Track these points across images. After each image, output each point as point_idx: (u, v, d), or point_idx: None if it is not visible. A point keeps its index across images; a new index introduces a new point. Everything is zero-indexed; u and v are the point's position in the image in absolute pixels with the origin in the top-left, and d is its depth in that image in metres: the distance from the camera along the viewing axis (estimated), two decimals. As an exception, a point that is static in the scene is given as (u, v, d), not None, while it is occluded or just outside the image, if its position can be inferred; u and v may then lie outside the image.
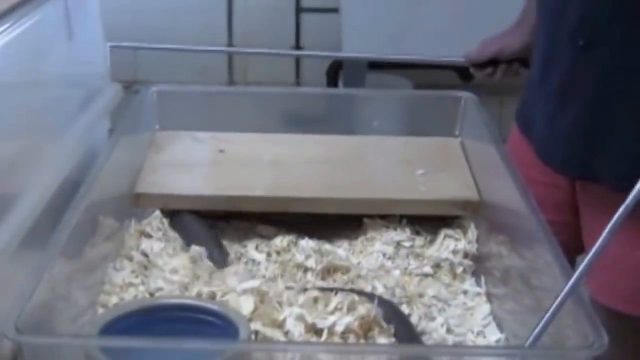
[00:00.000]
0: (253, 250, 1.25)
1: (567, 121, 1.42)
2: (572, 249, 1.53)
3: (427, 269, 1.21)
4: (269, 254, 1.24)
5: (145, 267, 1.17)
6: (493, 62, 1.67)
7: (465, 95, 1.48)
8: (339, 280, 1.16)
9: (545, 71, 1.46)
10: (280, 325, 1.01)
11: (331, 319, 1.00)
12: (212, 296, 1.10)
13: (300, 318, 1.01)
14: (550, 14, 1.45)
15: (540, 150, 1.50)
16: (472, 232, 1.25)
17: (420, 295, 1.15)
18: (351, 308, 1.02)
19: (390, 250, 1.24)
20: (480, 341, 1.08)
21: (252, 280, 1.11)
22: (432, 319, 1.11)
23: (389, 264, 1.22)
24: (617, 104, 1.37)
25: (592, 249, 0.93)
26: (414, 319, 1.08)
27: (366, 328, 1.00)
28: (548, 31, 1.46)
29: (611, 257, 1.41)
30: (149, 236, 1.23)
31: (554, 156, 1.47)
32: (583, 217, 1.49)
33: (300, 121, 1.54)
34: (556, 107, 1.44)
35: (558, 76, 1.42)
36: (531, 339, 0.89)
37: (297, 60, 3.39)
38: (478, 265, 1.23)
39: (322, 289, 1.10)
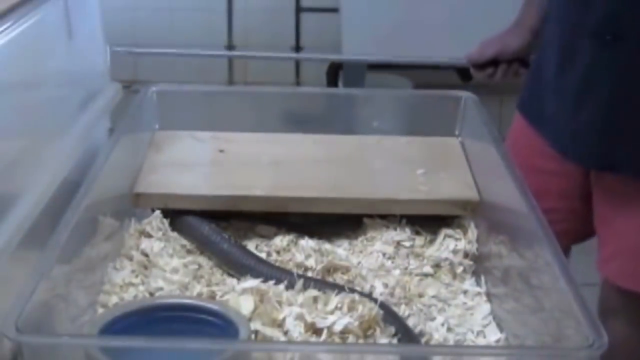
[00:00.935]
0: (253, 250, 1.25)
1: (589, 113, 1.45)
2: (576, 235, 1.57)
3: (427, 269, 1.21)
4: (269, 254, 1.24)
5: (145, 267, 1.17)
6: (493, 63, 1.69)
7: (465, 95, 1.48)
8: (339, 280, 1.16)
9: (564, 65, 1.48)
10: (280, 324, 1.01)
11: (331, 318, 1.00)
12: (212, 296, 1.10)
13: (299, 317, 1.01)
14: (569, 8, 1.47)
15: (556, 142, 1.52)
16: (472, 232, 1.25)
17: (420, 295, 1.15)
18: (351, 308, 1.02)
19: (390, 250, 1.24)
20: (480, 341, 1.08)
21: (251, 280, 1.11)
22: (432, 318, 1.11)
23: (389, 263, 1.22)
24: None
25: None
26: (414, 319, 1.08)
27: (366, 328, 1.00)
28: (566, 25, 1.48)
29: (631, 243, 1.46)
30: (149, 236, 1.23)
31: (572, 148, 1.50)
32: (597, 205, 1.52)
33: (300, 121, 1.54)
34: (576, 100, 1.46)
35: (579, 70, 1.44)
36: None
37: (297, 60, 3.39)
38: (478, 265, 1.23)
39: (322, 282, 1.11)
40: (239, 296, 1.07)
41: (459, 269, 1.21)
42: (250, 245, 1.26)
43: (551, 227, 1.03)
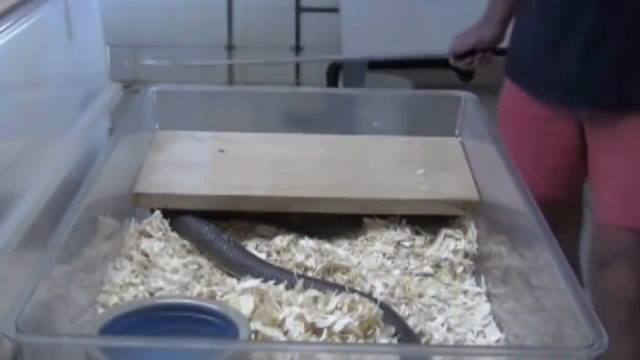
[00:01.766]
0: (253, 250, 1.25)
1: (601, 68, 1.56)
2: (569, 191, 1.73)
3: (427, 269, 1.21)
4: (269, 254, 1.24)
5: (145, 267, 1.17)
6: (471, 53, 1.84)
7: (465, 95, 1.48)
8: (339, 280, 1.16)
9: (567, 30, 1.59)
10: (280, 324, 1.01)
11: (331, 318, 1.00)
12: (212, 296, 1.10)
13: (299, 317, 1.01)
14: None
15: (565, 99, 1.63)
16: (472, 232, 1.25)
17: (420, 295, 1.15)
18: (351, 308, 1.02)
19: (390, 250, 1.24)
20: (480, 341, 1.08)
21: (251, 280, 1.11)
22: (432, 318, 1.11)
23: (389, 263, 1.22)
24: None
25: None
26: (414, 319, 1.08)
27: (366, 328, 1.00)
28: None
29: (628, 182, 1.59)
30: (149, 236, 1.23)
31: (586, 101, 1.61)
32: (593, 158, 1.63)
33: (300, 121, 1.54)
34: (585, 58, 1.56)
35: (584, 31, 1.56)
36: None
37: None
38: (478, 265, 1.23)
39: (322, 282, 1.12)
40: (239, 296, 1.07)
41: (459, 269, 1.21)
42: (250, 245, 1.26)
43: (555, 182, 1.08)
